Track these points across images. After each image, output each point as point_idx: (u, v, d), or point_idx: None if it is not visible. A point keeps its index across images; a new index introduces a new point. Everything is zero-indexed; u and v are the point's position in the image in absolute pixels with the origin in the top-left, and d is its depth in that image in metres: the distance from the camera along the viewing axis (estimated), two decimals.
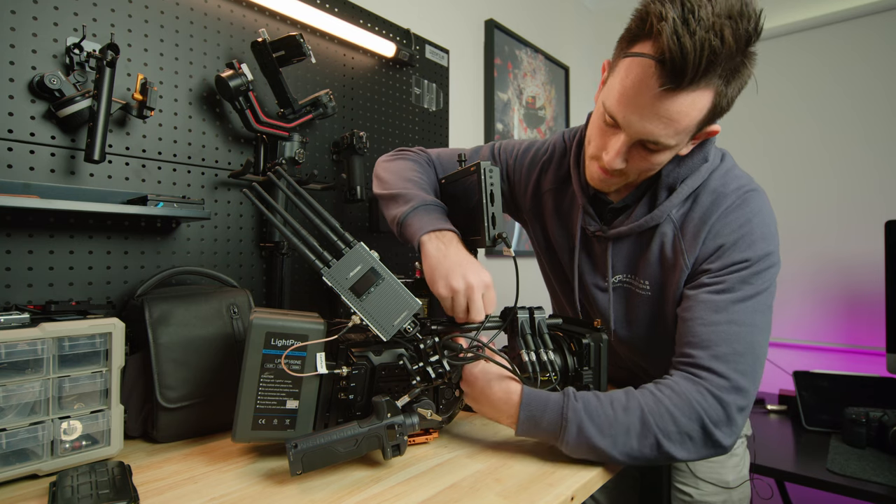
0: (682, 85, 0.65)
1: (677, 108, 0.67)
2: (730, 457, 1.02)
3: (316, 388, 0.71)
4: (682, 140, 0.72)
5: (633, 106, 0.69)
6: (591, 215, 0.89)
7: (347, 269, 0.68)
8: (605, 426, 0.68)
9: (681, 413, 0.68)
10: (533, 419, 0.70)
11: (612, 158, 0.75)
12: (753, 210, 0.77)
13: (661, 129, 0.69)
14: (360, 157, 1.29)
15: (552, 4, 2.35)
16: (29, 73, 0.85)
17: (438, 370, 0.70)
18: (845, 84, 2.05)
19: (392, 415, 0.67)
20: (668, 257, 0.82)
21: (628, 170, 0.77)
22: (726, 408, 0.69)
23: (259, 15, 1.17)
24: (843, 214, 2.03)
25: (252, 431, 0.68)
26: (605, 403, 0.70)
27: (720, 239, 0.77)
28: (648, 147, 0.73)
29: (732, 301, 0.73)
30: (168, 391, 0.78)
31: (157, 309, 0.80)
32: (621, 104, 0.70)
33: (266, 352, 0.67)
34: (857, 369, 1.94)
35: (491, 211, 0.79)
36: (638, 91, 0.68)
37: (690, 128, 0.70)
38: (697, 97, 0.67)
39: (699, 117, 0.69)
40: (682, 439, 0.68)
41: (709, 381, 0.70)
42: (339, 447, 0.63)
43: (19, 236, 0.84)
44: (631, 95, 0.69)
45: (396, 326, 0.68)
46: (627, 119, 0.71)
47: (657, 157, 0.75)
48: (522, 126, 2.11)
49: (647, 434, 0.67)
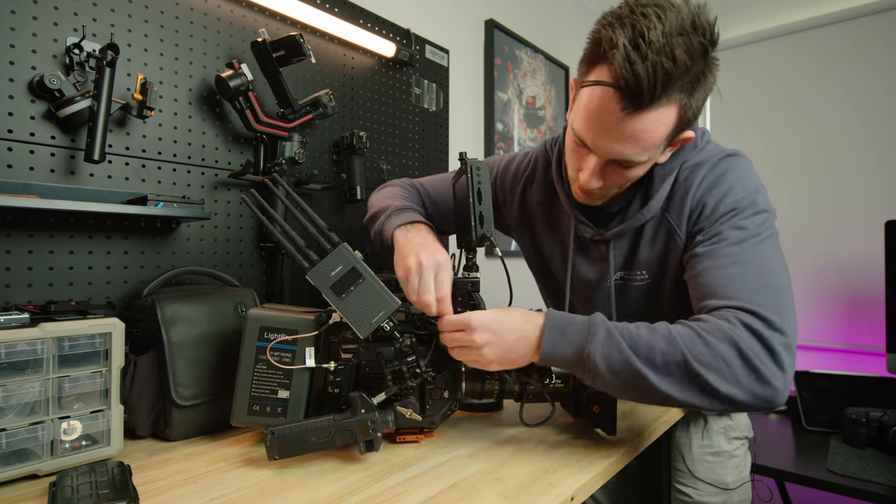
0: (642, 106, 0.66)
1: (641, 128, 0.68)
2: (730, 458, 1.02)
3: (307, 381, 0.74)
4: (654, 154, 0.74)
5: (599, 129, 0.71)
6: (586, 223, 0.90)
7: (330, 269, 0.70)
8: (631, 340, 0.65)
9: (712, 336, 0.63)
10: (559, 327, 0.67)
11: (588, 179, 0.76)
12: (732, 169, 0.78)
13: (629, 148, 0.71)
14: (360, 157, 1.29)
15: (552, 4, 2.35)
16: (29, 73, 0.85)
17: (414, 370, 0.71)
18: (845, 84, 2.05)
19: (366, 410, 0.69)
20: (660, 240, 0.83)
21: (607, 185, 0.79)
22: (762, 337, 0.63)
23: (259, 15, 1.17)
24: (844, 214, 2.03)
25: (247, 416, 0.74)
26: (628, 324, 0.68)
27: (704, 200, 0.78)
28: (622, 164, 0.74)
29: (729, 244, 0.73)
30: (182, 389, 0.79)
31: (170, 308, 0.81)
32: (588, 129, 0.72)
33: (259, 344, 0.73)
34: (857, 369, 1.94)
35: (478, 209, 0.79)
36: (601, 116, 0.69)
37: (659, 142, 0.71)
38: (661, 114, 0.68)
39: (666, 132, 0.71)
40: (717, 363, 0.62)
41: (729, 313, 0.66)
42: (312, 437, 0.67)
43: (19, 236, 0.84)
44: (596, 120, 0.70)
45: (374, 325, 0.70)
46: (596, 142, 0.72)
47: (632, 172, 0.76)
48: (522, 126, 2.11)
49: (674, 352, 0.63)
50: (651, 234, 0.84)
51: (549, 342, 0.68)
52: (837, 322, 2.04)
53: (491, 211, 0.80)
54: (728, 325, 0.64)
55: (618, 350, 0.64)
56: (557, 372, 0.79)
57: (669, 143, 0.75)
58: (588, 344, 0.65)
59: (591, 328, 0.66)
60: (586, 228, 0.90)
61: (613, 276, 0.90)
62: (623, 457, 0.75)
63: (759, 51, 2.28)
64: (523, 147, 2.11)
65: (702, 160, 0.81)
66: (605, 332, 0.66)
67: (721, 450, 1.03)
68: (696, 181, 0.80)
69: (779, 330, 0.64)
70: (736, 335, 0.63)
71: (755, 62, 2.29)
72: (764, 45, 2.25)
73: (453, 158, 1.70)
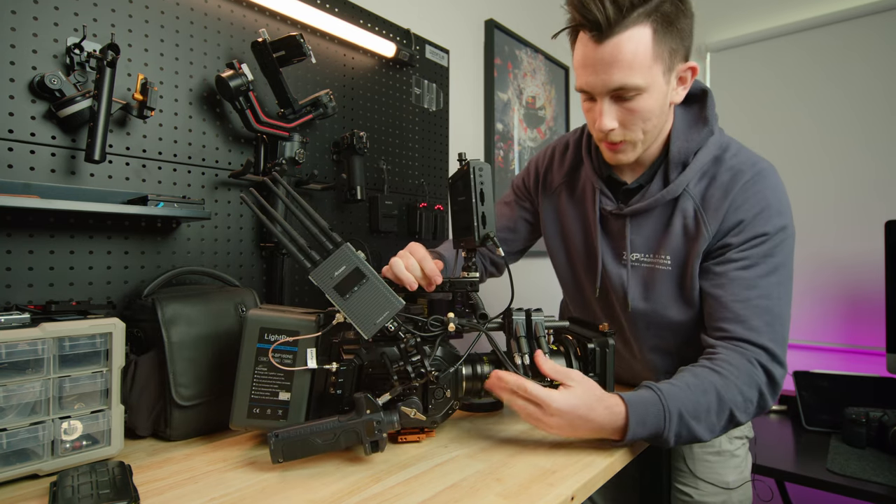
0: (609, 32, 0.74)
1: (617, 50, 0.74)
2: (731, 457, 1.03)
3: (308, 382, 0.74)
4: (651, 79, 0.77)
5: (587, 69, 0.78)
6: (608, 195, 0.94)
7: (333, 269, 0.70)
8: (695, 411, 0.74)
9: (744, 384, 0.77)
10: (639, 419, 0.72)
11: (602, 121, 0.81)
12: (769, 185, 0.83)
13: (616, 73, 0.76)
14: (361, 157, 1.29)
15: (552, 4, 2.35)
16: (29, 73, 0.85)
17: (419, 370, 0.71)
18: (844, 84, 2.06)
19: (371, 411, 0.69)
20: (690, 229, 0.86)
21: (629, 130, 0.82)
22: (770, 374, 0.79)
23: (259, 15, 1.17)
24: (843, 214, 2.04)
25: (247, 419, 0.73)
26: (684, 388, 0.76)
27: (740, 213, 0.82)
28: (625, 97, 0.78)
29: (760, 276, 0.81)
30: (183, 389, 0.79)
31: (170, 308, 0.81)
32: (581, 75, 0.80)
33: (260, 345, 0.72)
34: (857, 369, 1.94)
35: (481, 210, 0.80)
36: (584, 58, 0.78)
37: (647, 62, 0.75)
38: (632, 34, 0.74)
39: (646, 51, 0.75)
40: (747, 406, 0.77)
41: (752, 352, 0.79)
42: (317, 439, 0.67)
43: (20, 236, 0.84)
44: (582, 63, 0.79)
45: (378, 325, 0.70)
46: (590, 82, 0.79)
47: (640, 104, 0.79)
48: (522, 126, 2.11)
49: (723, 410, 0.75)
50: (680, 220, 0.87)
51: (632, 434, 0.72)
52: (837, 322, 2.04)
53: (493, 211, 0.80)
54: (750, 367, 0.78)
55: (687, 429, 0.74)
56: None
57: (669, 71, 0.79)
58: (665, 430, 0.73)
59: (667, 416, 0.73)
60: (607, 201, 0.94)
61: (630, 254, 0.93)
62: (623, 457, 0.75)
63: (758, 51, 2.28)
64: (523, 147, 2.11)
65: (744, 166, 0.84)
66: (677, 416, 0.73)
67: (722, 449, 1.03)
68: (737, 186, 0.83)
69: (781, 364, 0.81)
70: (756, 377, 0.78)
71: (753, 62, 2.29)
72: (762, 46, 2.25)
73: (453, 158, 1.70)
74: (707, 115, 0.88)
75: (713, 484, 1.02)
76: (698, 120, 0.88)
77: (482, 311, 0.82)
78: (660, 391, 0.74)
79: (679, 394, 0.75)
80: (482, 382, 0.79)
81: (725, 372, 0.77)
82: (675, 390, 0.75)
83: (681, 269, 0.88)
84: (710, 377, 0.77)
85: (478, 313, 0.82)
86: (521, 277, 2.08)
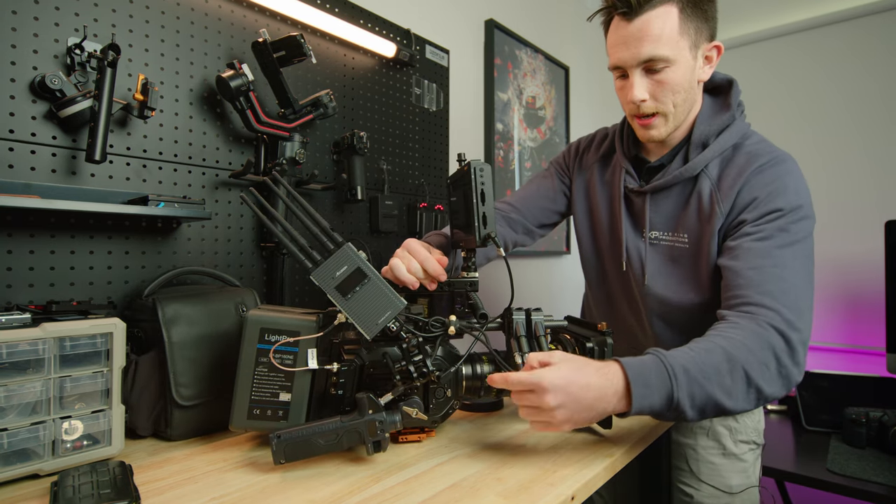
0: (638, 10, 0.82)
1: (647, 25, 0.82)
2: (737, 461, 1.02)
3: (308, 383, 0.73)
4: (678, 52, 0.84)
5: (619, 46, 0.86)
6: (631, 174, 0.99)
7: (334, 269, 0.69)
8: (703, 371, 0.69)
9: (754, 345, 0.72)
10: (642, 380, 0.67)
11: (633, 92, 0.87)
12: (785, 169, 0.85)
13: (646, 45, 0.83)
14: (361, 157, 1.29)
15: (552, 4, 2.35)
16: (30, 74, 0.85)
17: (422, 369, 0.71)
18: (844, 84, 2.06)
19: (373, 411, 0.69)
20: (704, 208, 0.89)
21: (660, 102, 0.87)
22: (787, 338, 0.74)
23: (259, 15, 1.17)
24: (843, 214, 2.04)
25: (247, 420, 0.72)
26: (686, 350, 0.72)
27: (754, 192, 0.84)
28: (654, 69, 0.85)
29: (774, 247, 0.80)
30: (183, 389, 0.79)
31: (170, 308, 0.81)
32: (614, 53, 0.88)
33: (260, 346, 0.72)
34: (857, 369, 1.94)
35: (482, 210, 0.80)
36: (616, 35, 0.86)
37: (675, 34, 0.83)
38: (659, 12, 0.82)
39: (676, 24, 0.82)
40: (763, 370, 0.72)
41: (763, 316, 0.75)
42: (319, 440, 0.67)
43: (20, 236, 0.84)
44: (615, 42, 0.87)
45: (380, 325, 0.70)
46: (622, 57, 0.86)
47: (668, 75, 0.85)
48: (522, 126, 2.11)
49: (735, 369, 0.70)
50: (696, 200, 0.90)
51: (639, 397, 0.67)
52: (837, 322, 2.04)
53: (493, 211, 0.80)
54: (761, 329, 0.74)
55: (701, 389, 0.69)
56: None
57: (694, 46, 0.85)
58: (675, 390, 0.68)
59: (671, 373, 0.68)
60: (630, 179, 0.99)
61: (649, 232, 0.96)
62: (623, 456, 0.75)
63: (757, 51, 2.28)
64: (523, 147, 2.12)
65: (761, 151, 0.88)
66: (683, 372, 0.69)
67: (727, 451, 1.02)
68: (751, 168, 0.86)
69: (798, 329, 0.75)
70: (768, 339, 0.73)
71: (753, 63, 2.29)
72: (761, 46, 2.26)
73: (453, 158, 1.70)
74: (730, 102, 0.93)
75: (715, 487, 1.02)
76: (722, 106, 0.94)
77: (482, 310, 0.82)
78: (658, 352, 0.71)
79: (680, 354, 0.70)
80: (482, 382, 0.80)
81: (731, 334, 0.74)
82: (676, 352, 0.71)
83: (697, 247, 0.90)
84: (714, 340, 0.73)
85: (478, 313, 0.82)
86: (524, 277, 2.08)
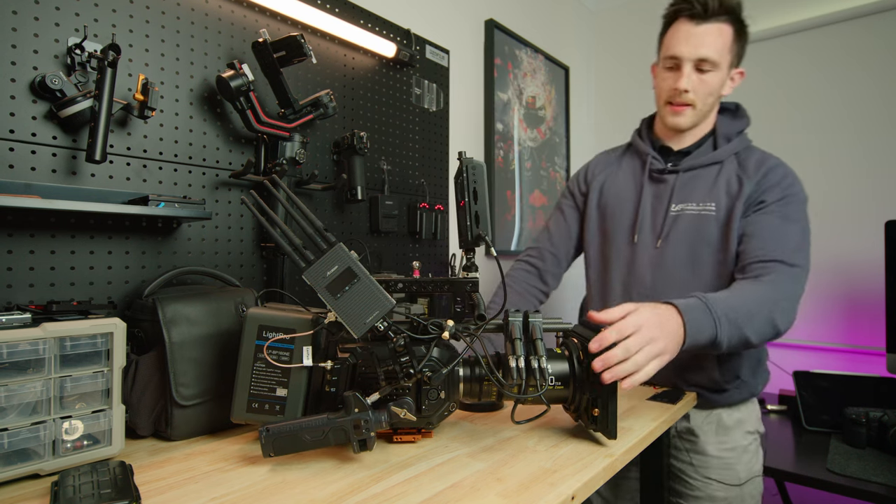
0: (706, 18, 1.02)
1: (709, 32, 1.03)
2: (743, 452, 1.07)
3: (305, 379, 0.75)
4: (723, 60, 1.04)
5: (682, 41, 1.04)
6: (658, 158, 1.17)
7: (326, 268, 0.70)
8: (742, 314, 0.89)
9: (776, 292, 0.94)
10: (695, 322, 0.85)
11: (682, 82, 1.05)
12: (789, 170, 1.08)
13: (706, 47, 1.02)
14: (361, 158, 1.29)
15: (552, 4, 2.35)
16: (30, 74, 0.85)
17: (408, 370, 0.71)
18: (843, 83, 2.05)
19: (359, 410, 0.69)
20: (732, 184, 1.08)
21: (697, 97, 1.06)
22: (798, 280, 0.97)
23: (260, 15, 1.17)
24: (843, 214, 2.03)
25: (246, 413, 0.75)
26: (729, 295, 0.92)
27: (774, 179, 1.05)
28: (702, 69, 1.04)
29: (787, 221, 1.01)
30: (183, 389, 0.79)
31: (171, 308, 0.81)
32: (673, 45, 1.06)
33: (258, 342, 0.75)
34: (857, 369, 1.94)
35: (474, 209, 0.79)
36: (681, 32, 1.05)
37: (725, 49, 1.04)
38: (721, 27, 1.03)
39: (727, 43, 1.04)
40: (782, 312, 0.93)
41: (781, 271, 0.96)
42: (306, 435, 0.68)
43: (21, 236, 0.84)
44: (677, 37, 1.05)
45: (368, 324, 0.70)
46: (682, 50, 1.04)
47: (711, 78, 1.05)
48: (522, 126, 2.11)
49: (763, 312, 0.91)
50: (726, 179, 1.09)
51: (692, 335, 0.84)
52: (837, 322, 2.04)
53: (486, 211, 0.80)
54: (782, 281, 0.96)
55: (737, 328, 0.88)
56: (557, 373, 0.79)
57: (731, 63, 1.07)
58: (719, 333, 0.86)
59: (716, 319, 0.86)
60: (657, 163, 1.16)
61: (675, 206, 1.11)
62: (623, 456, 0.75)
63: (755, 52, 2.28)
64: (523, 147, 2.12)
65: (770, 156, 1.10)
66: (725, 319, 0.87)
67: (737, 445, 1.07)
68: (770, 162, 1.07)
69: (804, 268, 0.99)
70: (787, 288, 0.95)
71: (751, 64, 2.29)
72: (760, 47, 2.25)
73: (453, 158, 1.70)
74: (742, 113, 1.17)
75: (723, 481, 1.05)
76: (736, 115, 1.17)
77: (480, 312, 0.82)
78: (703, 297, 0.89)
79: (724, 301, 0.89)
80: (480, 385, 0.79)
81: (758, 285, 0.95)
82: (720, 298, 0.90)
83: (723, 213, 1.07)
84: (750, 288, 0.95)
85: (476, 314, 0.82)
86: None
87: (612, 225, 1.19)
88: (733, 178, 1.08)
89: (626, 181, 1.20)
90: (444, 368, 0.74)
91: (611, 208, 1.20)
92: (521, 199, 2.10)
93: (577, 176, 1.32)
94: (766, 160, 1.08)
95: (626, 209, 1.18)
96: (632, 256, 1.15)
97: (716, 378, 1.07)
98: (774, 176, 1.06)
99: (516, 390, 0.74)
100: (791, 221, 1.01)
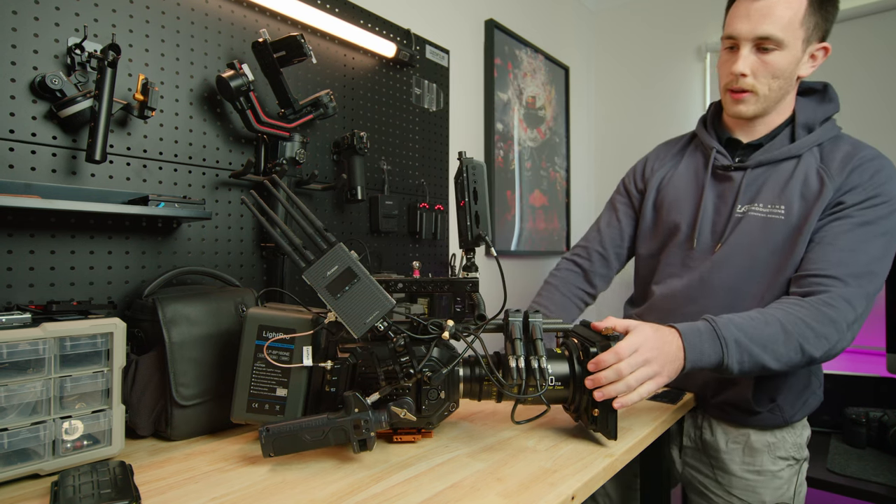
0: None
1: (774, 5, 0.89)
2: (773, 478, 0.97)
3: (305, 379, 0.75)
4: (791, 39, 0.90)
5: (740, 18, 0.92)
6: (723, 153, 1.04)
7: (326, 268, 0.70)
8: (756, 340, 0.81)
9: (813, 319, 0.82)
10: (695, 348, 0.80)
11: (738, 65, 0.93)
12: (886, 164, 0.93)
13: (767, 23, 0.89)
14: (361, 158, 1.29)
15: (552, 4, 2.35)
16: (30, 74, 0.85)
17: (407, 370, 0.71)
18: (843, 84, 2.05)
19: (359, 410, 0.69)
20: (811, 184, 0.94)
21: (757, 81, 0.94)
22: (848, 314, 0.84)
23: (260, 15, 1.17)
24: None
25: (246, 413, 0.76)
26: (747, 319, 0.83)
27: (857, 178, 0.91)
28: (764, 48, 0.91)
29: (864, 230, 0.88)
30: (183, 389, 0.79)
31: (171, 308, 0.81)
32: (731, 24, 0.94)
33: (258, 342, 0.75)
34: (857, 369, 1.94)
35: (474, 209, 0.79)
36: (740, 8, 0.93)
37: (793, 23, 0.89)
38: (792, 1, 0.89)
39: (801, 15, 0.89)
40: (819, 341, 0.82)
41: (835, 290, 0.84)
42: (306, 435, 0.68)
43: (21, 236, 0.84)
44: (736, 14, 0.94)
45: (367, 324, 0.70)
46: (739, 28, 0.92)
47: (775, 58, 0.92)
48: (522, 126, 2.11)
49: (790, 340, 0.81)
50: (802, 177, 0.94)
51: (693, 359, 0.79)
52: None
53: (486, 211, 0.80)
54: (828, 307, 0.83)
55: (748, 354, 0.81)
56: (557, 374, 0.79)
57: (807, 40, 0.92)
58: (726, 358, 0.80)
59: (723, 343, 0.80)
60: (722, 158, 1.03)
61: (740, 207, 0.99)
62: (623, 456, 0.75)
63: None
64: (523, 147, 2.12)
65: (864, 145, 0.96)
66: (734, 343, 0.80)
67: (764, 469, 0.98)
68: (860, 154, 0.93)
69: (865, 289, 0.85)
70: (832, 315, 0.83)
71: None
72: None
73: (453, 158, 1.70)
74: (831, 96, 1.01)
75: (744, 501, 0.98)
76: (823, 98, 1.01)
77: (480, 311, 0.82)
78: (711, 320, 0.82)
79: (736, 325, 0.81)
80: (480, 385, 0.79)
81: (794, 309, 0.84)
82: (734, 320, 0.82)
83: (796, 218, 0.93)
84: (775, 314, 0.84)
85: (476, 314, 0.82)
86: (525, 277, 2.08)
87: (669, 227, 1.08)
88: (813, 176, 0.93)
89: (688, 178, 1.08)
90: (444, 368, 0.74)
91: (667, 208, 1.09)
92: (521, 199, 2.10)
93: (635, 171, 1.21)
94: (857, 153, 0.92)
95: (686, 210, 1.05)
96: (685, 262, 1.04)
97: (748, 398, 0.96)
98: (863, 173, 0.90)
99: (516, 390, 0.74)
100: (871, 230, 0.87)
